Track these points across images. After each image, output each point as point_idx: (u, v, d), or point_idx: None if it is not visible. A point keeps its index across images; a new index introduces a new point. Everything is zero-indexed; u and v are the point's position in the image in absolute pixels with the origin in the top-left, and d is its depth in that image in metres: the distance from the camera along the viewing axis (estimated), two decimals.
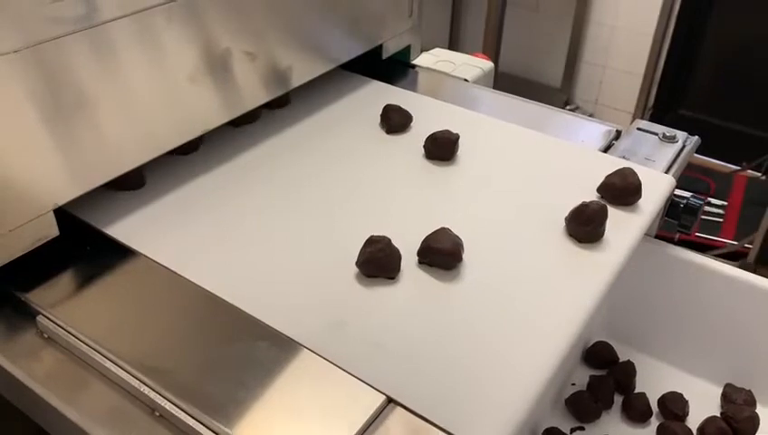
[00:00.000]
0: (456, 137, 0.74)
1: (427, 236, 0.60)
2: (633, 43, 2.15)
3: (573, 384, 0.78)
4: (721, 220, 1.56)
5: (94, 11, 0.55)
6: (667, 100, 2.17)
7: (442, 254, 0.59)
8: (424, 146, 0.75)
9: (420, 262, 0.60)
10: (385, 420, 0.47)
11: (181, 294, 0.57)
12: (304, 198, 0.68)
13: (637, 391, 0.76)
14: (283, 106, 0.83)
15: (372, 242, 0.58)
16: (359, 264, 0.58)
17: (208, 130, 0.70)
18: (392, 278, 0.58)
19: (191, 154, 0.73)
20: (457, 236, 0.60)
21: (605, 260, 0.61)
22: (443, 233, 0.60)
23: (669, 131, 0.79)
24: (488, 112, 0.84)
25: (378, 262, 0.57)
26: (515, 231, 0.65)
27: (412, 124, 0.80)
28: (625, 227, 0.64)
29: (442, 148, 0.74)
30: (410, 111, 0.80)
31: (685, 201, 0.75)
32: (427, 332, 0.54)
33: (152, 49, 0.61)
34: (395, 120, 0.79)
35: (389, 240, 0.58)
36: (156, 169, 0.68)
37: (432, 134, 0.74)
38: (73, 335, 0.52)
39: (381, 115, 0.80)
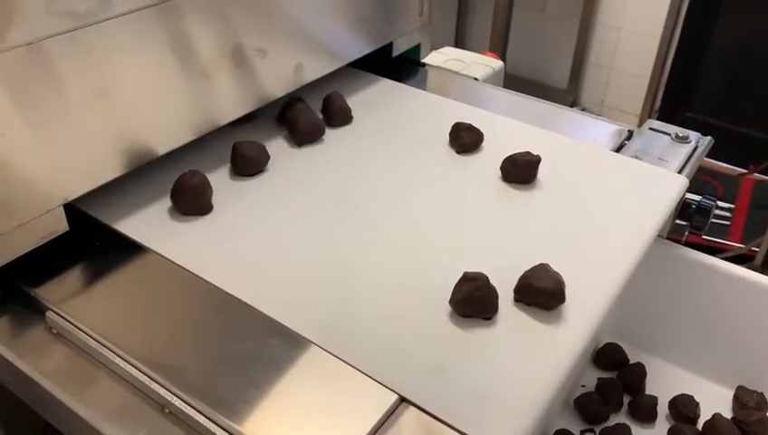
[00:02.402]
0: (538, 159, 0.69)
1: (525, 273, 0.55)
2: (640, 45, 2.14)
3: (583, 386, 0.78)
4: (728, 223, 1.55)
5: (105, 5, 0.54)
6: (674, 102, 2.16)
7: (544, 294, 0.53)
8: (501, 168, 0.70)
9: (517, 300, 0.55)
10: (398, 419, 0.46)
11: (194, 292, 0.56)
12: (381, 226, 0.63)
13: (647, 393, 0.76)
14: (345, 124, 0.79)
15: (468, 279, 0.53)
16: (453, 303, 0.53)
17: (221, 125, 0.70)
18: (488, 319, 0.53)
19: (257, 175, 0.70)
20: (558, 273, 0.55)
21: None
22: (543, 269, 0.55)
23: (682, 132, 0.79)
24: (499, 111, 0.83)
25: (475, 301, 0.52)
26: (617, 264, 0.60)
27: (483, 143, 0.76)
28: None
29: (523, 170, 0.69)
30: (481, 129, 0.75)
31: (697, 202, 0.74)
32: (528, 374, 0.49)
33: (163, 43, 0.61)
34: (467, 140, 0.74)
35: (487, 278, 0.53)
36: (218, 192, 0.66)
37: (512, 156, 0.69)
38: (83, 331, 0.52)
39: (451, 134, 0.75)
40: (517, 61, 2.25)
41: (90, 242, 0.61)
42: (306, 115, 0.76)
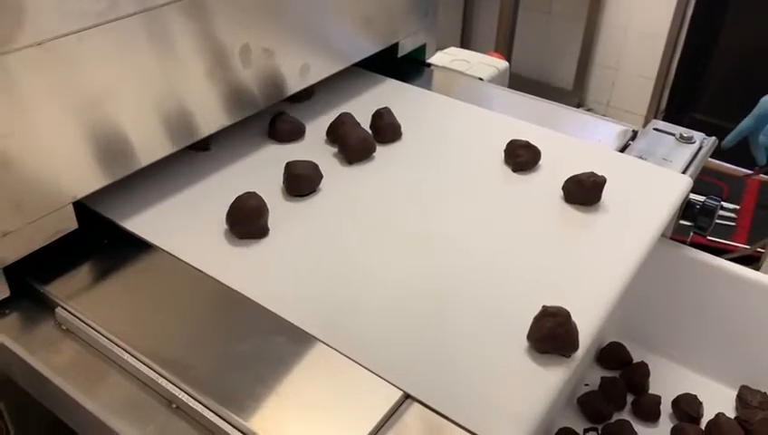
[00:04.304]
0: (603, 180, 0.66)
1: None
2: (646, 45, 2.14)
3: (587, 385, 0.78)
4: (733, 224, 1.55)
5: (114, 6, 0.55)
6: (680, 103, 2.16)
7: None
8: (563, 188, 0.67)
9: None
10: (402, 415, 0.47)
11: (201, 289, 0.57)
12: (444, 248, 0.61)
13: (650, 392, 0.76)
14: (395, 140, 0.77)
15: (549, 315, 0.50)
16: (532, 338, 0.51)
17: (226, 125, 0.70)
18: (567, 356, 0.50)
19: (311, 196, 0.68)
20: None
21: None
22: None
23: (687, 132, 0.79)
24: (504, 111, 0.83)
25: (557, 338, 0.50)
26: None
27: (540, 161, 0.73)
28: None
29: (589, 191, 0.66)
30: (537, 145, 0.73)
31: (701, 202, 0.75)
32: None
33: (169, 44, 0.61)
34: (524, 158, 0.71)
35: (569, 314, 0.50)
36: (273, 213, 0.63)
37: (575, 176, 0.67)
38: (92, 327, 0.52)
39: (506, 151, 0.73)
40: (523, 61, 2.25)
41: (98, 240, 0.61)
42: (357, 132, 0.73)
